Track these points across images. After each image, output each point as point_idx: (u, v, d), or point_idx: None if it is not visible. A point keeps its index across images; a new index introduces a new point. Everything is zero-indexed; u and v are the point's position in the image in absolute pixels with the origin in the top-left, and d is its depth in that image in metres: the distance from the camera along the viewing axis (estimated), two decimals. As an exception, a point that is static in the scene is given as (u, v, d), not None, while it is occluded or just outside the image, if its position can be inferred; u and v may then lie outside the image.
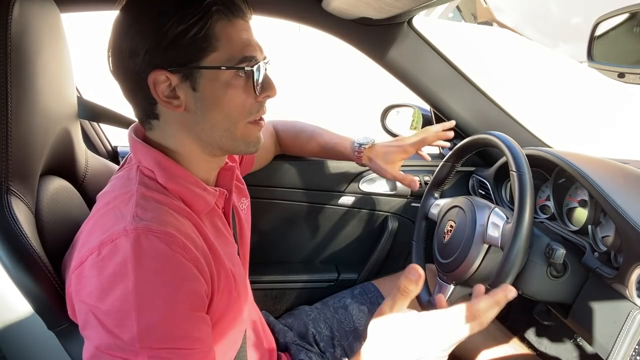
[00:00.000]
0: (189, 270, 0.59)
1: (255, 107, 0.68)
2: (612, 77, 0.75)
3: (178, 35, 0.60)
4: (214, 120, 0.66)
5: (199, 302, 0.60)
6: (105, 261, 0.57)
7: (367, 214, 1.38)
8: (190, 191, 0.68)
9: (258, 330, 0.92)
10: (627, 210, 0.80)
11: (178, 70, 0.62)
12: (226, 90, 0.64)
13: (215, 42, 0.62)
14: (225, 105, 0.65)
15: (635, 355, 0.76)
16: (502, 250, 0.82)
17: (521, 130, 1.26)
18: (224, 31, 0.63)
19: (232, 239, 0.78)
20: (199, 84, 0.64)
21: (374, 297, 1.17)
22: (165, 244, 0.58)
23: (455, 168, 1.07)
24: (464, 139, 1.03)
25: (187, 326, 0.57)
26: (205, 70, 0.63)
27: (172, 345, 0.56)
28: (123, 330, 0.54)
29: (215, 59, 0.63)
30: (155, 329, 0.55)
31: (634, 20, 0.74)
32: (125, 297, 0.54)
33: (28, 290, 0.63)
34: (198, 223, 0.67)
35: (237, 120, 0.67)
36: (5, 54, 0.62)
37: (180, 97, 0.64)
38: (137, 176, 0.66)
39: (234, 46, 0.64)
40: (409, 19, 1.13)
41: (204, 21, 0.61)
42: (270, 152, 1.18)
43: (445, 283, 0.95)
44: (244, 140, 0.70)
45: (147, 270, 0.56)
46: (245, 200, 0.91)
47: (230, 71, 0.64)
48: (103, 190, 0.69)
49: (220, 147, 0.70)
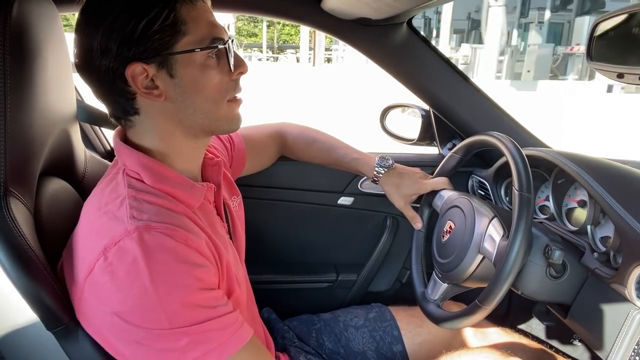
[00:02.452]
0: (194, 256, 0.62)
1: (231, 85, 0.70)
2: (611, 77, 0.75)
3: (147, 25, 0.61)
4: (195, 104, 0.67)
5: (211, 279, 0.64)
6: (115, 265, 0.58)
7: (367, 214, 1.38)
8: (177, 189, 0.68)
9: (258, 330, 0.92)
10: (626, 211, 0.80)
11: (153, 60, 0.63)
12: (202, 73, 0.66)
13: (183, 26, 0.63)
14: (204, 87, 0.67)
15: (635, 355, 0.76)
16: (495, 267, 0.82)
17: (520, 130, 1.26)
18: (189, 14, 0.64)
19: (226, 235, 0.79)
20: (175, 70, 0.64)
21: (389, 327, 1.11)
22: (168, 236, 0.60)
23: (463, 161, 1.06)
24: (469, 137, 1.02)
25: (208, 300, 0.62)
26: (179, 55, 0.64)
27: (203, 318, 0.60)
28: (153, 323, 0.58)
29: (187, 42, 0.64)
30: (181, 312, 0.59)
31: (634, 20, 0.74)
32: (144, 293, 0.57)
33: (27, 291, 0.63)
34: (193, 217, 0.68)
35: (217, 100, 0.69)
36: (4, 54, 0.62)
37: (159, 86, 0.65)
38: (125, 180, 0.67)
39: (202, 27, 0.65)
40: (409, 20, 1.13)
41: (169, 7, 0.62)
42: (269, 157, 1.16)
43: (440, 281, 0.96)
44: (226, 120, 0.71)
45: (158, 263, 0.58)
46: (237, 197, 0.91)
47: (203, 53, 0.65)
48: (90, 197, 0.70)
49: (203, 129, 0.71)
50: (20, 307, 0.64)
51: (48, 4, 0.74)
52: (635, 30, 0.74)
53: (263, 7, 1.11)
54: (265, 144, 1.13)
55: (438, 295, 0.95)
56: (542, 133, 1.31)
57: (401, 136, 1.47)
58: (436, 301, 0.95)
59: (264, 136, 1.13)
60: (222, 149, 0.98)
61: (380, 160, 1.09)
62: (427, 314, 0.96)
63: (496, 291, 0.77)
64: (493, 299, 0.78)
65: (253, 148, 1.07)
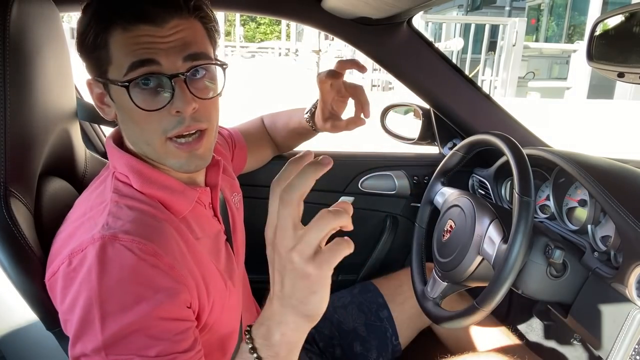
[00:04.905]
0: (158, 277, 0.57)
1: (171, 123, 0.62)
2: (611, 77, 0.75)
3: (90, 45, 0.61)
4: (135, 134, 0.65)
5: (173, 308, 0.57)
6: (76, 271, 0.56)
7: (367, 213, 1.38)
8: (166, 194, 0.66)
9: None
10: (627, 210, 0.80)
11: (98, 80, 0.63)
12: (131, 103, 0.60)
13: (109, 53, 0.60)
14: (135, 119, 0.62)
15: (635, 354, 0.76)
16: (494, 270, 0.82)
17: (521, 129, 1.26)
18: (116, 41, 0.59)
19: (222, 235, 0.77)
20: (113, 95, 0.64)
21: (373, 296, 1.16)
22: (130, 251, 0.56)
23: (465, 159, 1.06)
24: (472, 136, 1.02)
25: (155, 332, 0.55)
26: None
27: (140, 352, 0.54)
28: (88, 339, 0.54)
29: (113, 71, 0.61)
30: (120, 335, 0.53)
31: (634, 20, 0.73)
32: (89, 306, 0.54)
33: (27, 291, 0.63)
34: (178, 226, 0.65)
35: (151, 135, 0.63)
36: (4, 54, 0.62)
37: (110, 105, 0.65)
38: (112, 183, 0.65)
39: (123, 55, 0.59)
40: (409, 19, 1.13)
41: (98, 30, 0.60)
42: (266, 151, 1.15)
43: (439, 279, 0.96)
44: (169, 159, 0.65)
45: (110, 279, 0.54)
46: (237, 194, 0.90)
47: (133, 82, 0.59)
48: (80, 198, 0.69)
49: (152, 159, 0.67)
50: (20, 307, 0.64)
51: (48, 4, 0.74)
52: (635, 30, 0.74)
53: (263, 7, 1.11)
54: (259, 138, 1.12)
55: (437, 293, 0.95)
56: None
57: (402, 135, 1.47)
58: (435, 299, 0.95)
59: (256, 131, 1.12)
60: (224, 144, 0.98)
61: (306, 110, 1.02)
62: (426, 313, 0.96)
63: (494, 293, 0.78)
64: (491, 302, 0.78)
65: (252, 142, 1.07)
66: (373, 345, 1.09)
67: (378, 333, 1.11)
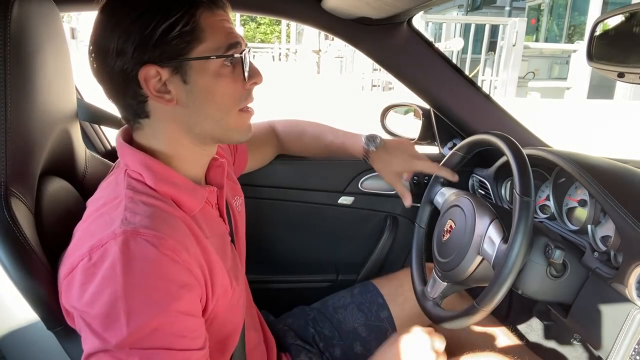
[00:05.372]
0: (178, 272, 0.59)
1: (244, 95, 0.69)
2: (611, 77, 0.75)
3: (165, 30, 0.61)
4: (206, 112, 0.67)
5: (191, 303, 0.60)
6: (97, 266, 0.56)
7: (367, 213, 1.38)
8: (179, 191, 0.67)
9: (258, 330, 0.92)
10: (627, 210, 0.80)
11: (168, 64, 0.63)
12: (216, 80, 0.65)
13: (201, 33, 0.63)
14: (216, 95, 0.66)
15: (635, 355, 0.76)
16: (494, 270, 0.82)
17: (521, 129, 1.26)
18: (208, 22, 0.64)
19: (228, 236, 0.78)
20: (189, 76, 0.64)
21: (373, 296, 1.16)
22: (153, 246, 0.57)
23: (465, 159, 1.06)
24: (473, 135, 1.02)
25: (178, 327, 0.57)
26: (194, 62, 0.63)
27: (164, 346, 0.55)
28: (112, 334, 0.54)
29: (203, 49, 0.64)
30: (145, 330, 0.54)
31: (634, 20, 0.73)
32: (114, 300, 0.54)
33: (27, 291, 0.63)
34: (190, 223, 0.66)
35: (229, 109, 0.68)
36: (5, 54, 0.62)
37: (171, 91, 0.64)
38: (125, 180, 0.66)
39: (219, 35, 0.65)
40: (409, 19, 1.13)
41: (189, 14, 0.62)
42: (268, 152, 1.18)
43: (439, 279, 0.96)
44: (237, 129, 0.71)
45: (135, 273, 0.55)
46: (239, 198, 0.91)
47: (218, 61, 0.65)
48: (93, 197, 0.69)
49: (212, 137, 0.71)
50: (20, 306, 0.65)
51: (48, 4, 0.74)
52: (635, 30, 0.74)
53: (263, 7, 1.11)
54: (262, 140, 1.14)
55: (437, 293, 0.95)
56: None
57: (402, 135, 1.47)
58: (435, 299, 0.95)
59: (260, 133, 1.14)
60: (226, 147, 0.98)
61: (368, 139, 1.09)
62: (426, 313, 0.96)
63: (494, 294, 0.78)
64: (491, 302, 0.78)
65: (253, 145, 1.08)
66: (373, 345, 1.09)
67: (378, 333, 1.11)
